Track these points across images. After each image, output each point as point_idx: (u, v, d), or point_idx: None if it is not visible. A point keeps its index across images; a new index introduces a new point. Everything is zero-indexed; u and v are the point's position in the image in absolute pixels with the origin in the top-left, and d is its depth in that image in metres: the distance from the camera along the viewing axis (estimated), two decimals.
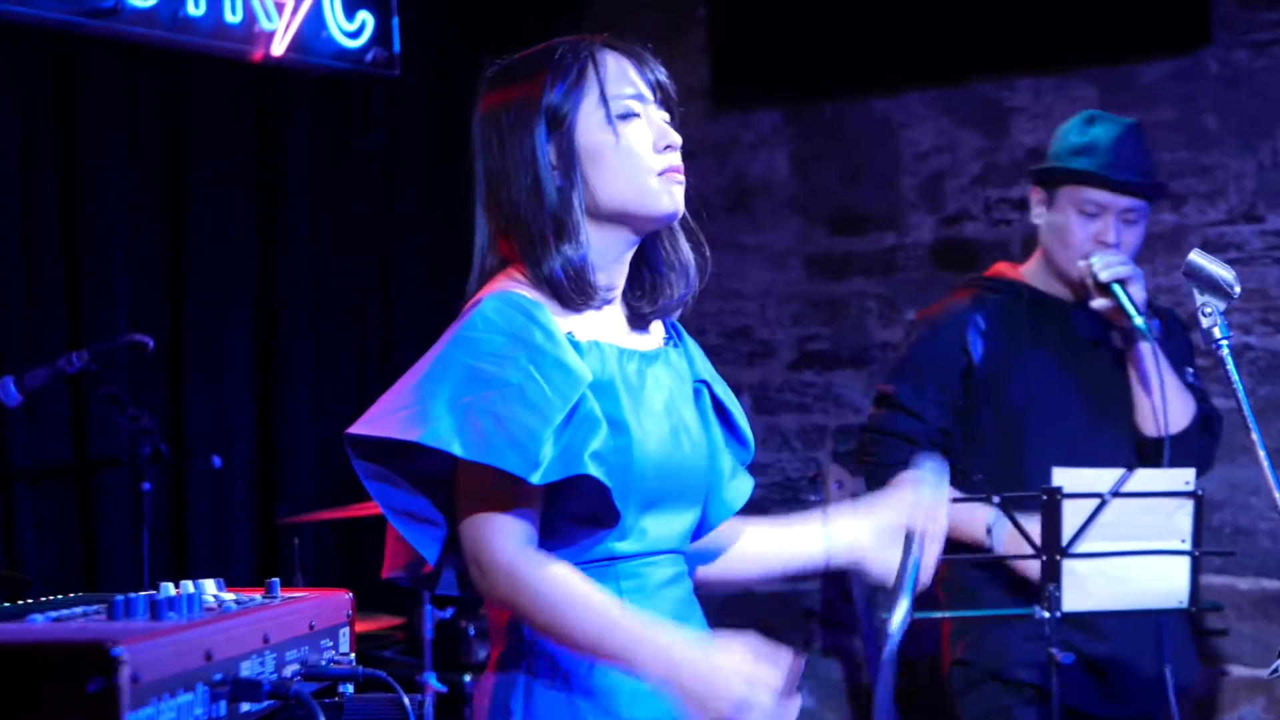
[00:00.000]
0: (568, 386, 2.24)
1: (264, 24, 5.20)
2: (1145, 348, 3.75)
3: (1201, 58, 5.25)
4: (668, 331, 2.57)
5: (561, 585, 2.21)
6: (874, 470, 3.92)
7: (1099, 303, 3.76)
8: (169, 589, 1.73)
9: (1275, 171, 5.17)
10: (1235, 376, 3.43)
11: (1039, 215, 3.94)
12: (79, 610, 1.67)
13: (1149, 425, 3.79)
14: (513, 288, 2.37)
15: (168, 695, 1.42)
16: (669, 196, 2.39)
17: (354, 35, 5.50)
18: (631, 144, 2.38)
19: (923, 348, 3.99)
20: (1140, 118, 5.17)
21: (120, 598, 1.60)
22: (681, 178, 2.42)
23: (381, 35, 5.59)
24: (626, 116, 2.39)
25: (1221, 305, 3.49)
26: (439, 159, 5.95)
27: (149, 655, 1.39)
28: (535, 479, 2.18)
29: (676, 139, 2.42)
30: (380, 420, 2.25)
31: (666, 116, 2.45)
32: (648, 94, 2.44)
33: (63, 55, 4.87)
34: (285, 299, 5.48)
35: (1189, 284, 3.51)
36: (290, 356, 5.48)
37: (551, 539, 2.31)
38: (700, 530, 2.53)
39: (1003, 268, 4.09)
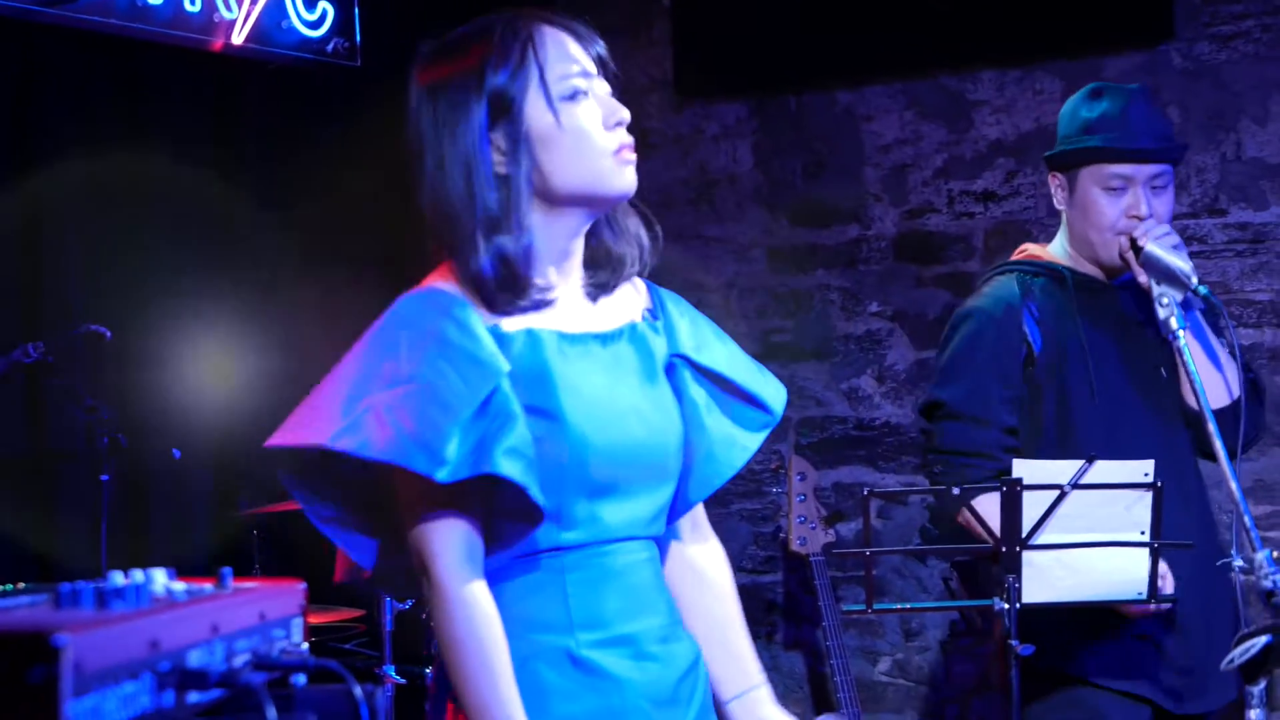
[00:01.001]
0: (480, 380, 2.20)
1: (224, 13, 5.17)
2: (1199, 315, 3.65)
3: (1164, 51, 5.26)
4: (651, 304, 2.52)
5: (475, 629, 2.21)
6: (946, 498, 3.57)
7: (1144, 277, 3.60)
8: (117, 578, 1.71)
9: (1238, 165, 5.18)
10: (1192, 368, 3.44)
11: (1062, 202, 3.80)
12: (24, 600, 1.65)
13: (1211, 397, 3.53)
14: (437, 284, 2.35)
15: (112, 684, 1.40)
16: (622, 176, 2.35)
17: (315, 25, 5.48)
18: (582, 124, 2.33)
19: (975, 342, 3.78)
20: None
21: (66, 586, 1.58)
22: (633, 154, 2.37)
23: (343, 25, 5.56)
24: (574, 96, 2.34)
25: (1179, 296, 3.50)
26: (400, 150, 5.92)
27: (92, 644, 1.37)
28: (442, 476, 2.15)
29: (625, 114, 2.37)
30: (294, 428, 2.26)
31: (609, 89, 2.40)
32: (592, 69, 2.38)
33: (19, 43, 4.83)
34: (243, 289, 5.45)
35: (1147, 274, 3.53)
36: (248, 347, 5.44)
37: (492, 537, 2.29)
38: (680, 507, 2.48)
39: (1031, 248, 3.92)
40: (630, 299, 2.50)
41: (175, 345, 5.23)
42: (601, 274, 2.44)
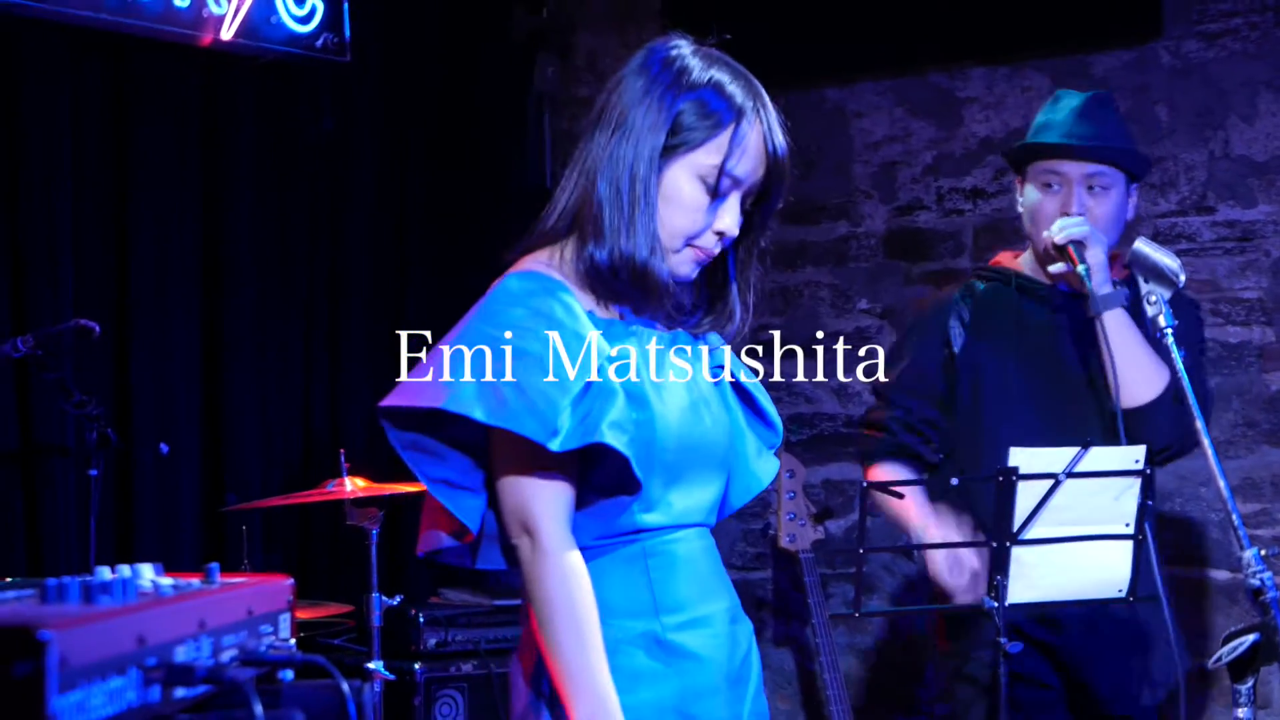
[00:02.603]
0: (587, 359, 2.31)
1: (213, 8, 5.15)
2: (1122, 313, 3.67)
3: (1153, 49, 5.26)
4: None
5: (571, 592, 2.30)
6: (862, 461, 4.04)
7: (1056, 268, 3.71)
8: (104, 573, 1.71)
9: (1226, 163, 5.18)
10: (1180, 365, 3.44)
11: (1019, 201, 3.90)
12: (11, 594, 1.65)
13: (1126, 394, 3.63)
14: (537, 268, 2.44)
15: (98, 679, 1.40)
16: (683, 267, 2.46)
17: (304, 21, 5.46)
18: (699, 213, 2.42)
19: (908, 339, 4.03)
20: None
21: (53, 581, 1.58)
22: (705, 259, 2.46)
23: (332, 21, 5.55)
24: (715, 190, 2.42)
25: (1167, 293, 3.50)
26: (389, 145, 5.92)
27: (79, 639, 1.37)
28: (554, 446, 2.25)
29: (731, 231, 2.44)
30: (408, 390, 2.34)
31: (752, 193, 2.47)
32: (751, 178, 2.44)
33: (5, 37, 4.82)
34: (232, 285, 5.44)
35: (1135, 272, 3.53)
36: (237, 343, 5.44)
37: (579, 511, 2.38)
38: (722, 509, 2.59)
39: (1003, 256, 4.06)
40: None
41: (164, 340, 5.22)
42: (692, 302, 2.56)
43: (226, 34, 5.20)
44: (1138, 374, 3.64)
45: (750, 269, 2.58)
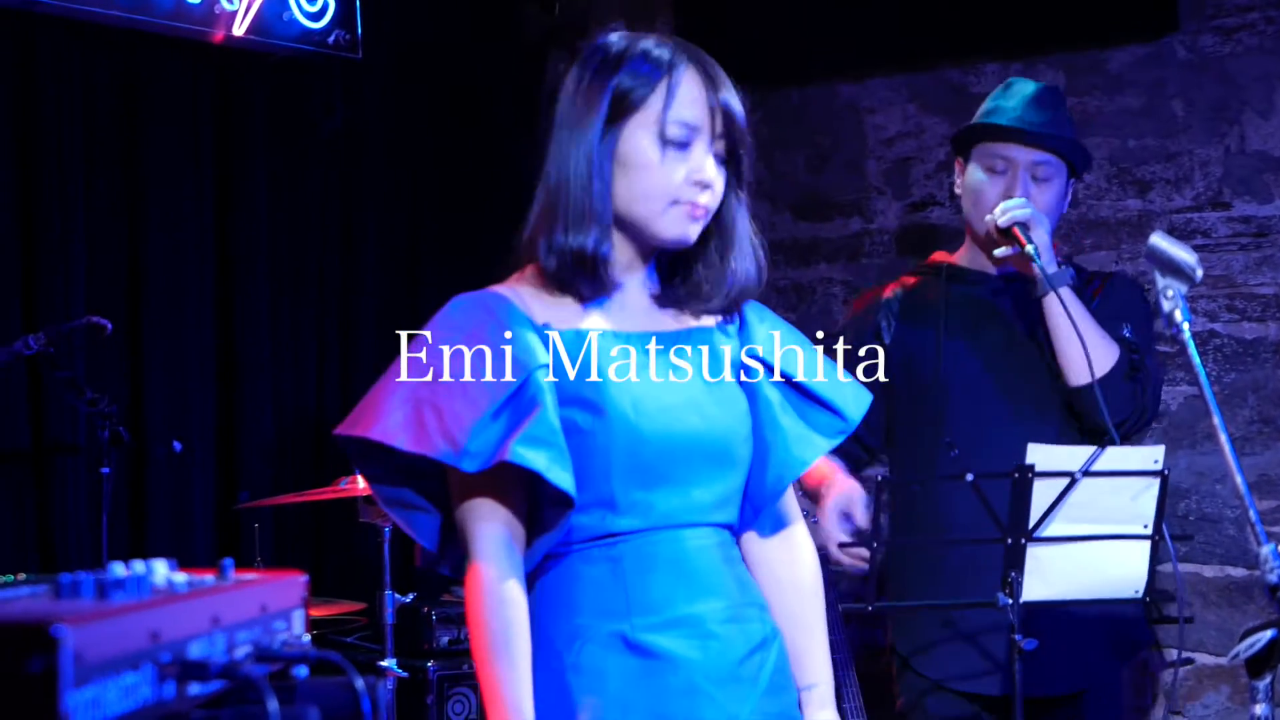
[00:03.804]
0: (512, 373, 2.33)
1: (225, 5, 5.16)
2: (1068, 292, 3.68)
3: (1169, 43, 5.24)
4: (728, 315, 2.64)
5: (498, 613, 2.35)
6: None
7: (1001, 250, 3.72)
8: (118, 569, 1.70)
9: (1241, 158, 5.16)
10: (1198, 361, 3.42)
11: (958, 188, 3.94)
12: (24, 591, 1.64)
13: (1072, 373, 3.69)
14: (492, 288, 2.48)
15: (112, 675, 1.39)
16: (677, 225, 2.46)
17: (316, 17, 5.47)
18: (667, 169, 2.44)
19: (843, 333, 4.04)
20: (1107, 104, 5.20)
21: (67, 577, 1.57)
22: (701, 213, 2.47)
23: (344, 17, 5.55)
24: (676, 144, 2.44)
25: (1183, 289, 3.47)
26: (401, 142, 5.92)
27: (92, 635, 1.36)
28: (465, 466, 2.30)
29: (711, 178, 2.47)
30: (353, 420, 2.43)
31: (720, 149, 2.50)
32: (706, 125, 2.47)
33: (18, 35, 4.83)
34: (245, 282, 5.44)
35: (1151, 266, 3.51)
36: (250, 340, 5.44)
37: (548, 523, 2.40)
38: (753, 502, 2.57)
39: (938, 254, 4.11)
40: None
41: (176, 337, 5.22)
42: (677, 292, 2.56)
43: (238, 30, 5.21)
44: (1091, 351, 3.61)
45: (733, 240, 2.58)
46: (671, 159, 2.44)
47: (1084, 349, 3.59)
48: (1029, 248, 3.62)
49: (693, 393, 2.48)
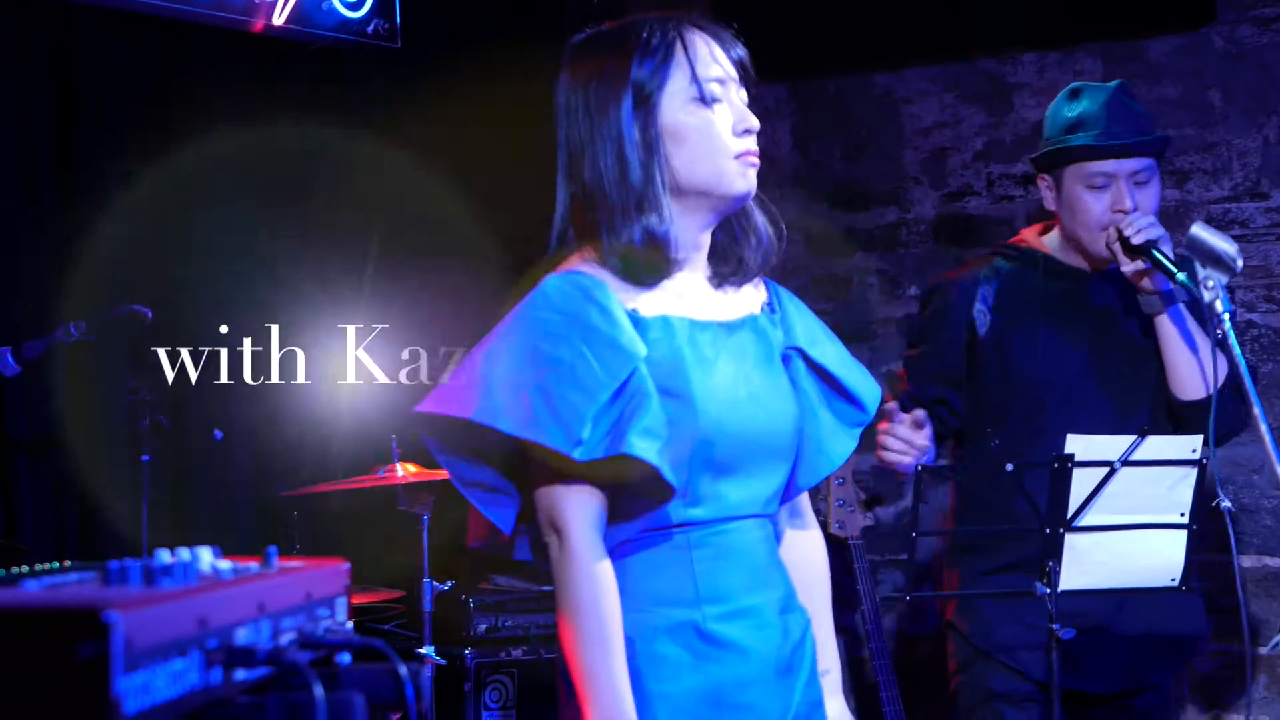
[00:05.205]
0: (618, 364, 2.34)
1: None
2: (1183, 307, 3.70)
3: (1206, 33, 5.22)
4: (769, 299, 2.66)
5: (595, 595, 2.35)
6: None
7: (1130, 267, 3.68)
8: (164, 556, 1.71)
9: (1279, 148, 5.14)
10: (1238, 350, 3.42)
11: (1051, 202, 3.90)
12: (73, 577, 1.65)
13: (1188, 388, 3.72)
14: (578, 267, 2.47)
15: (161, 661, 1.40)
16: (744, 179, 2.49)
17: (355, 6, 5.48)
18: (713, 127, 2.47)
19: (930, 319, 4.04)
20: (1145, 94, 5.17)
21: (115, 564, 1.58)
22: (756, 160, 2.51)
23: (383, 7, 5.57)
24: (710, 100, 2.48)
25: (1224, 279, 3.47)
26: (439, 131, 5.92)
27: (142, 621, 1.37)
28: (578, 455, 2.30)
29: (755, 123, 2.51)
30: (441, 397, 2.39)
31: (745, 97, 2.54)
32: (732, 74, 2.53)
33: (60, 24, 4.85)
34: (286, 271, 5.46)
35: (1191, 256, 3.51)
36: (289, 325, 5.45)
37: (622, 511, 2.42)
38: (789, 492, 2.62)
39: (1027, 234, 4.06)
40: (750, 292, 2.63)
41: (216, 326, 5.24)
42: (725, 268, 2.58)
43: (278, 20, 5.23)
44: (1206, 369, 3.64)
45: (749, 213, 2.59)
46: (718, 114, 2.48)
47: (1199, 368, 3.64)
48: (1180, 275, 3.54)
49: (755, 385, 2.50)
